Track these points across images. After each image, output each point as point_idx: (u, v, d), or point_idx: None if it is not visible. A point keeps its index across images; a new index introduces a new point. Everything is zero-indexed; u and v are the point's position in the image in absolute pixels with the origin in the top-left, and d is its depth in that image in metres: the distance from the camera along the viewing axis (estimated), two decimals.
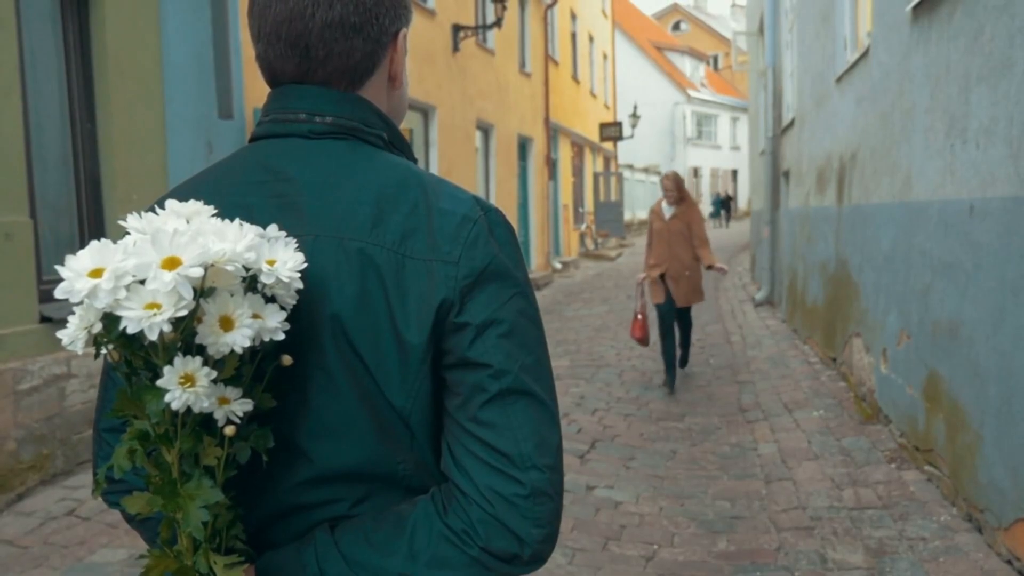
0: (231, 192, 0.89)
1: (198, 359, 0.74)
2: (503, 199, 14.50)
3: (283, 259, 0.79)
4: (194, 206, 0.81)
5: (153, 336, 0.71)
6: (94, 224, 4.93)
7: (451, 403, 0.87)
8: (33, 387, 4.16)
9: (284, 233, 0.82)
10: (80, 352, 0.77)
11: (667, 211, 6.61)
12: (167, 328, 0.71)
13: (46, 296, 4.41)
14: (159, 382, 0.73)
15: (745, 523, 3.91)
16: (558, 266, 16.88)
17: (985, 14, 3.47)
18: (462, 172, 12.26)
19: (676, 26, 47.62)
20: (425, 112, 11.03)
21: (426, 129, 11.15)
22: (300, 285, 0.80)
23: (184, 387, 0.73)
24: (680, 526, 3.91)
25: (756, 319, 9.88)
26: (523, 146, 16.12)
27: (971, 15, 3.63)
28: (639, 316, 6.54)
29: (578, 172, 21.79)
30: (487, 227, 0.87)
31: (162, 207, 0.83)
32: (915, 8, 4.39)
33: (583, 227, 21.73)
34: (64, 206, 4.80)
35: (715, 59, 45.48)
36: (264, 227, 0.82)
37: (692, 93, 39.13)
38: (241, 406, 0.78)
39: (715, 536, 3.78)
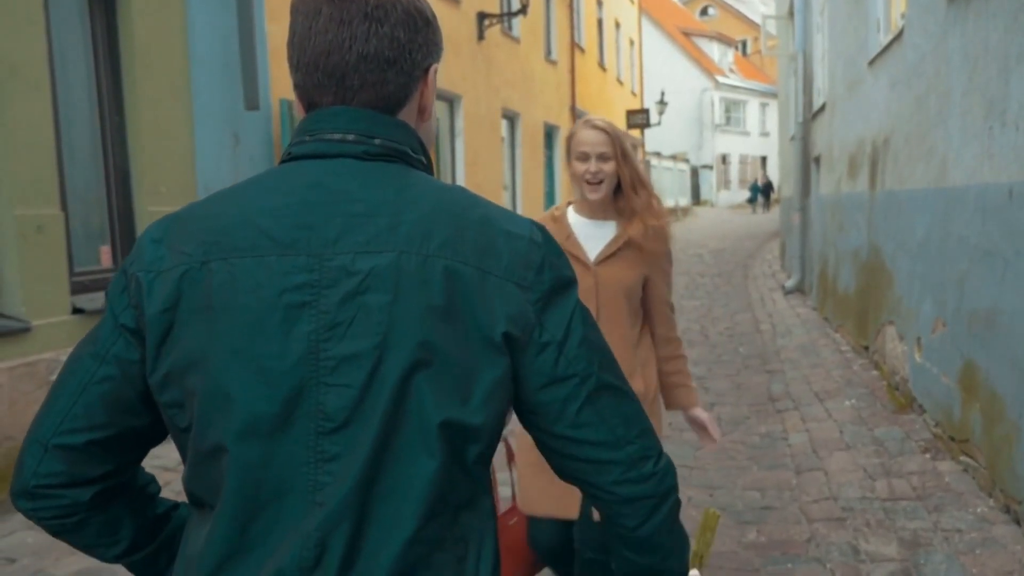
0: (288, 213, 0.90)
1: None
2: (529, 188, 14.45)
3: None
4: None
5: None
6: (124, 216, 4.99)
7: (544, 421, 0.95)
8: None
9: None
10: None
11: (590, 234, 2.31)
12: None
13: (78, 287, 4.47)
14: None
15: (775, 514, 3.86)
16: None
17: None
18: (488, 162, 12.23)
19: (704, 11, 47.05)
20: (450, 101, 11.00)
21: (451, 118, 11.13)
22: None
23: None
24: None
25: (786, 307, 9.75)
26: (549, 135, 16.05)
27: None
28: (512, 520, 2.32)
29: None
30: (548, 246, 0.95)
31: (197, 216, 0.92)
32: None
33: None
34: (94, 198, 4.86)
35: (744, 44, 44.85)
36: (329, 244, 0.87)
37: (720, 79, 38.65)
38: None
39: (745, 527, 3.74)
